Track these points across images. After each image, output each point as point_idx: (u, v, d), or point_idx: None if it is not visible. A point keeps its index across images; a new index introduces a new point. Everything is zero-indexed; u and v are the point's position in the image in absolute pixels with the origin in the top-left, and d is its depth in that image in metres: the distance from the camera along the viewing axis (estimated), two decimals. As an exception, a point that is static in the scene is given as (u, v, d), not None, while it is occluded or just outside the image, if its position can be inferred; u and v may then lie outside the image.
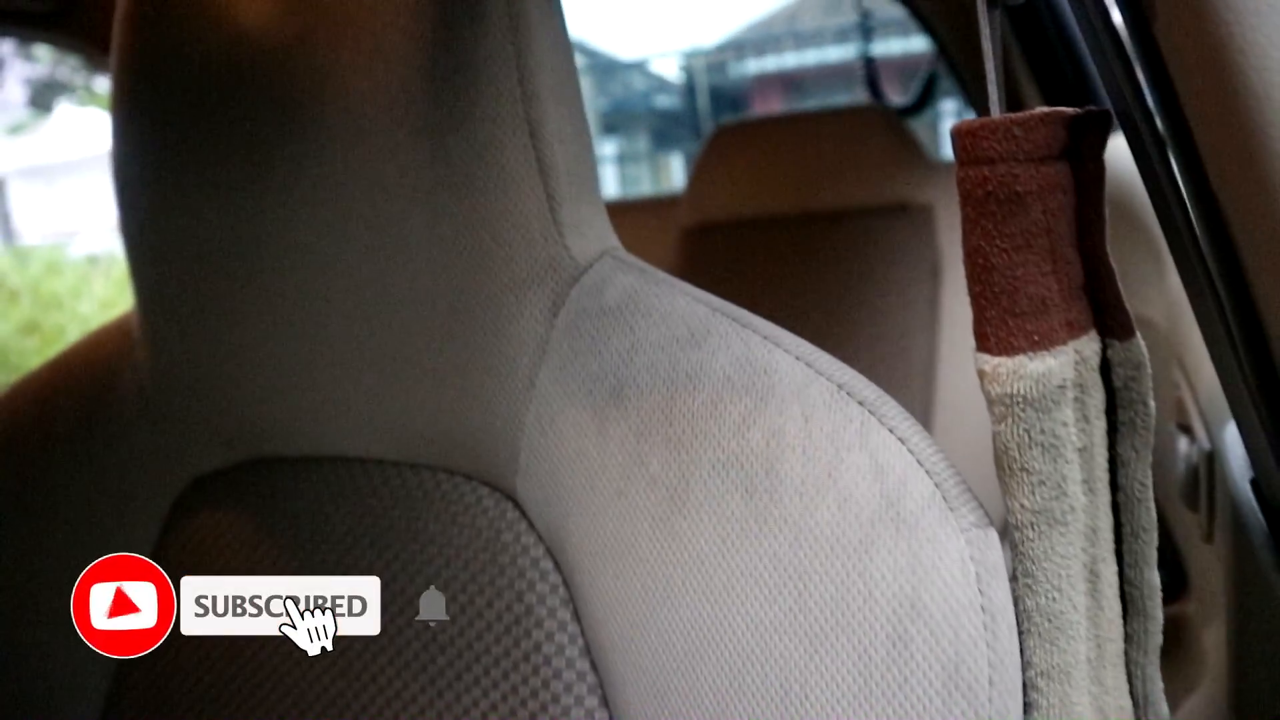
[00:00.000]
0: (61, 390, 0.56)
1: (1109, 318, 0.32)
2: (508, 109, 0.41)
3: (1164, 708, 0.35)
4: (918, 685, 0.31)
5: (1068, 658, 0.32)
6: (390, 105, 0.41)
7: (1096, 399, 0.32)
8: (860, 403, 0.35)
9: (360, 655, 0.45)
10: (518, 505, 0.43)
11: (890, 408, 0.35)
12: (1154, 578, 0.34)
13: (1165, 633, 0.36)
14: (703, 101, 8.21)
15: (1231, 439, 0.43)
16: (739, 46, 8.57)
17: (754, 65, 8.48)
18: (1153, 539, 0.34)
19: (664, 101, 9.00)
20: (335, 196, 0.43)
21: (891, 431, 0.34)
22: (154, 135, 0.47)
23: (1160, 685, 0.35)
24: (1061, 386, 0.31)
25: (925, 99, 1.66)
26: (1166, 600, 0.83)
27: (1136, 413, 0.33)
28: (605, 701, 0.40)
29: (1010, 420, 0.31)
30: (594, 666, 0.41)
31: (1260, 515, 0.37)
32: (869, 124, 1.49)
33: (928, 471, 0.33)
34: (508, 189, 0.41)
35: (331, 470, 0.49)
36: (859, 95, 1.81)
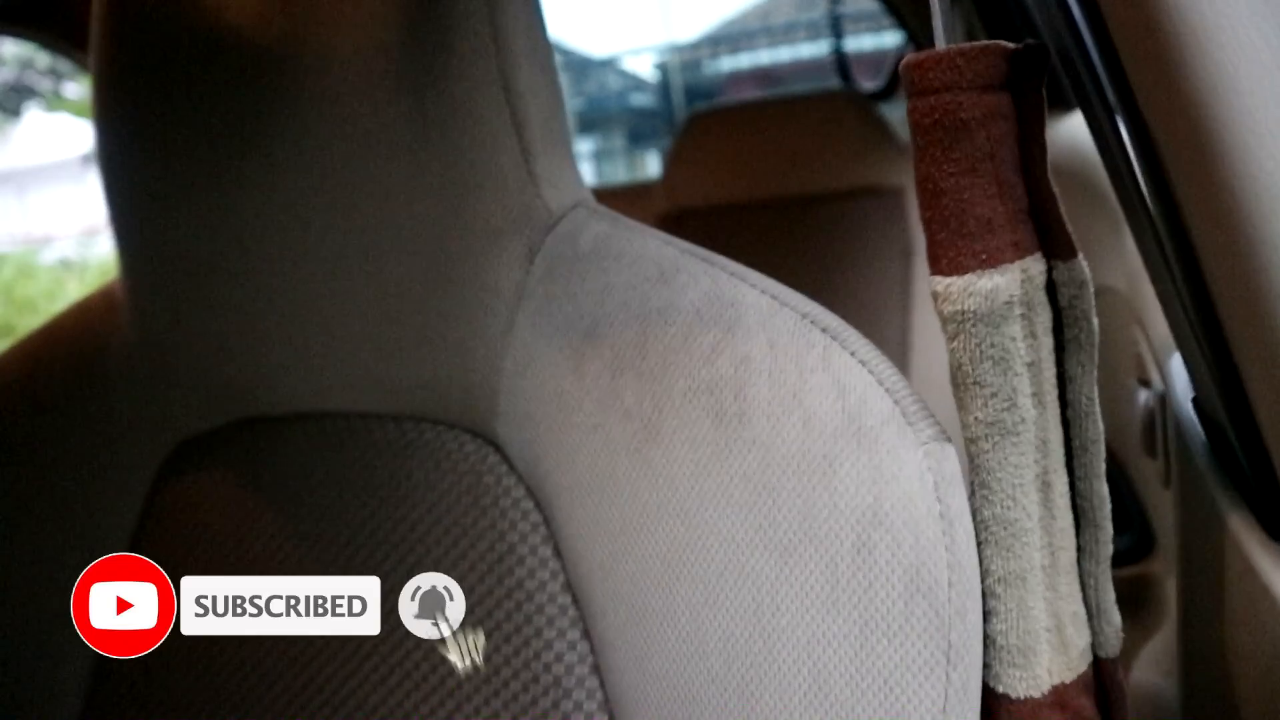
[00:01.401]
0: (48, 358, 0.57)
1: (1053, 240, 0.34)
2: (483, 66, 0.42)
3: (1116, 616, 0.37)
4: (881, 589, 0.33)
5: (1023, 563, 0.34)
6: (368, 65, 0.43)
7: (1043, 317, 0.34)
8: (823, 330, 0.37)
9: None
10: (498, 449, 0.45)
11: (851, 335, 0.37)
12: (1103, 489, 0.36)
13: (1131, 590, 0.38)
14: (678, 99, 8.23)
15: (1176, 368, 0.45)
16: (713, 43, 8.61)
17: (728, 62, 8.52)
18: (1100, 452, 0.36)
19: (639, 99, 9.02)
20: (317, 157, 0.44)
21: (853, 355, 0.36)
22: (136, 105, 0.48)
23: (1112, 595, 0.37)
24: (1009, 302, 0.33)
25: (895, 83, 1.68)
26: (1134, 560, 0.85)
27: (1081, 329, 0.35)
28: (586, 633, 0.42)
29: (963, 336, 0.33)
30: (575, 600, 0.42)
31: (1200, 427, 0.39)
32: (841, 109, 1.52)
33: (887, 390, 0.35)
34: (484, 143, 0.43)
35: (316, 426, 0.50)
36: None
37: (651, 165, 8.07)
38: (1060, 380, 0.35)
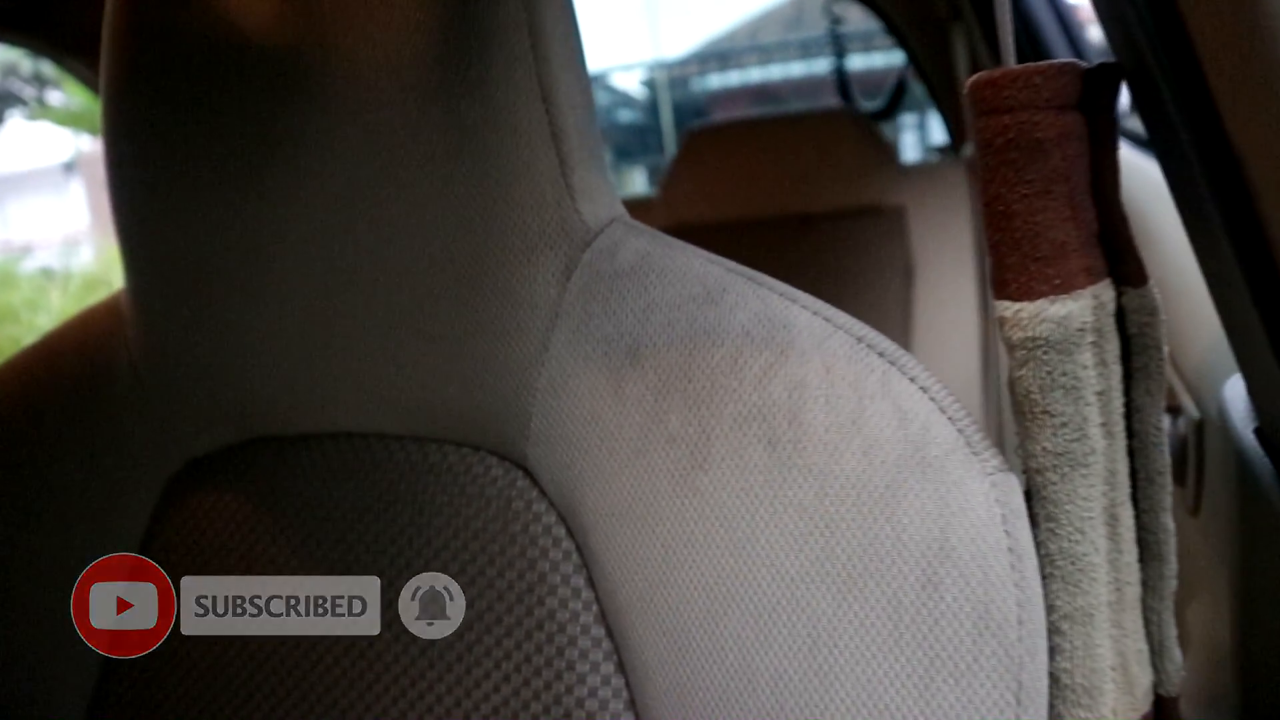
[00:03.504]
0: (49, 372, 0.54)
1: (1123, 265, 0.33)
2: (521, 72, 0.41)
3: (1178, 653, 0.36)
4: (949, 627, 0.31)
5: (1090, 600, 0.33)
6: (400, 72, 0.41)
7: (1113, 344, 0.33)
8: (880, 354, 0.35)
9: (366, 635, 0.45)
10: (528, 473, 0.43)
11: (908, 360, 0.35)
12: (1169, 522, 0.35)
13: None
14: (665, 116, 8.26)
15: (1232, 395, 0.44)
16: (702, 60, 8.65)
17: (716, 80, 8.55)
18: (1167, 484, 0.35)
19: (626, 116, 9.04)
20: (342, 167, 0.43)
21: (913, 380, 0.34)
22: (148, 112, 0.46)
23: (1174, 631, 0.36)
24: (1081, 330, 0.32)
25: (895, 104, 1.69)
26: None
27: (1150, 358, 0.34)
28: (621, 667, 0.40)
29: (1032, 364, 0.32)
30: (609, 632, 0.40)
31: (1267, 459, 0.38)
32: (841, 127, 1.52)
33: (950, 418, 0.33)
34: (520, 153, 0.41)
35: (333, 447, 0.48)
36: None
37: (638, 182, 8.08)
38: (1126, 410, 0.34)
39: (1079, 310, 0.31)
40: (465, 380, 0.44)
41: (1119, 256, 0.33)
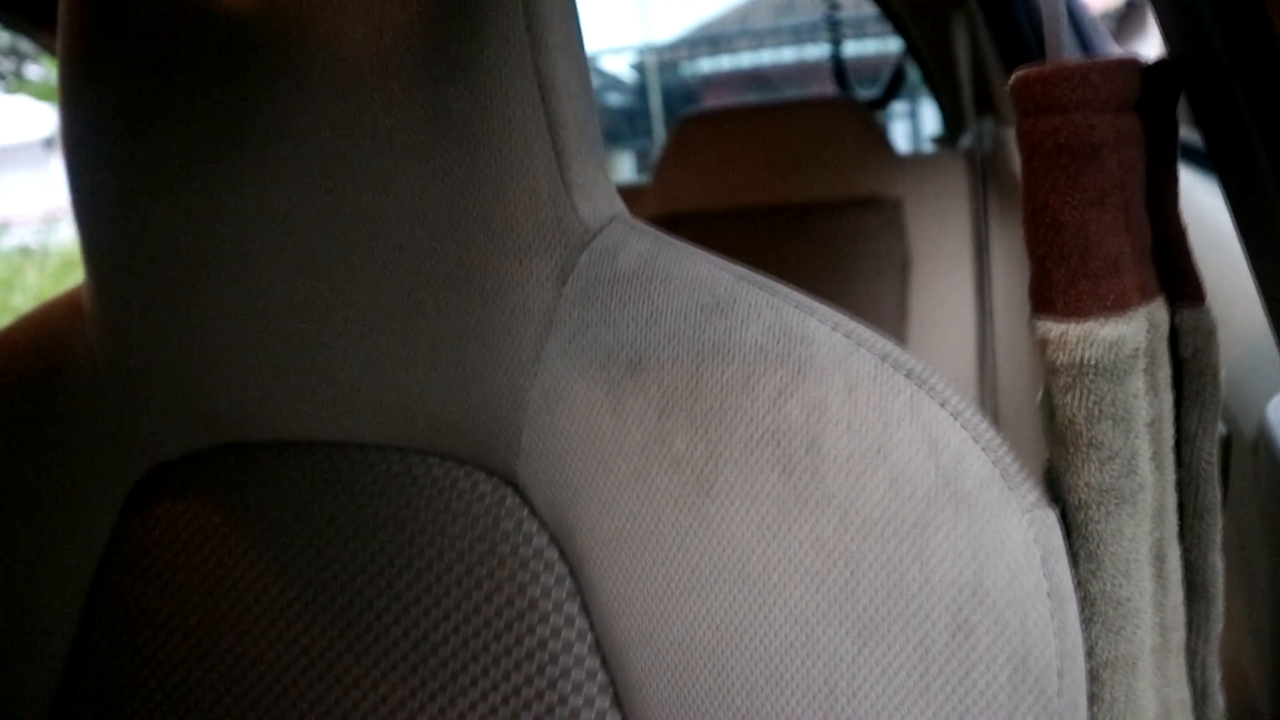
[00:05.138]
0: (5, 371, 0.51)
1: (1179, 283, 0.30)
2: (515, 58, 0.38)
3: (1220, 700, 0.33)
4: (981, 677, 0.28)
5: (1133, 647, 0.30)
6: (384, 54, 0.38)
7: (1165, 369, 0.30)
8: (907, 375, 0.32)
9: (343, 657, 0.41)
10: (518, 491, 0.40)
11: (938, 381, 0.32)
12: (1217, 561, 0.32)
13: None
14: (655, 100, 8.18)
15: (1274, 416, 0.42)
16: (692, 44, 8.57)
17: (707, 64, 8.48)
18: (1217, 520, 0.32)
19: (615, 99, 8.96)
20: (320, 155, 0.39)
21: (942, 406, 0.31)
22: (109, 89, 0.42)
23: (1218, 676, 0.33)
24: (1134, 354, 0.29)
25: (893, 93, 1.66)
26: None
27: (1205, 384, 0.31)
28: (618, 701, 0.37)
29: (1078, 390, 0.29)
30: (605, 664, 0.37)
31: None
32: (837, 115, 1.48)
33: (984, 448, 0.30)
34: (513, 145, 0.38)
35: (309, 456, 0.45)
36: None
37: (624, 167, 8.02)
38: (1177, 439, 0.31)
39: (1132, 333, 0.28)
40: (451, 389, 0.41)
41: (1175, 273, 0.30)
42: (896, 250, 1.42)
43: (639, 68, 8.63)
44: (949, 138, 1.61)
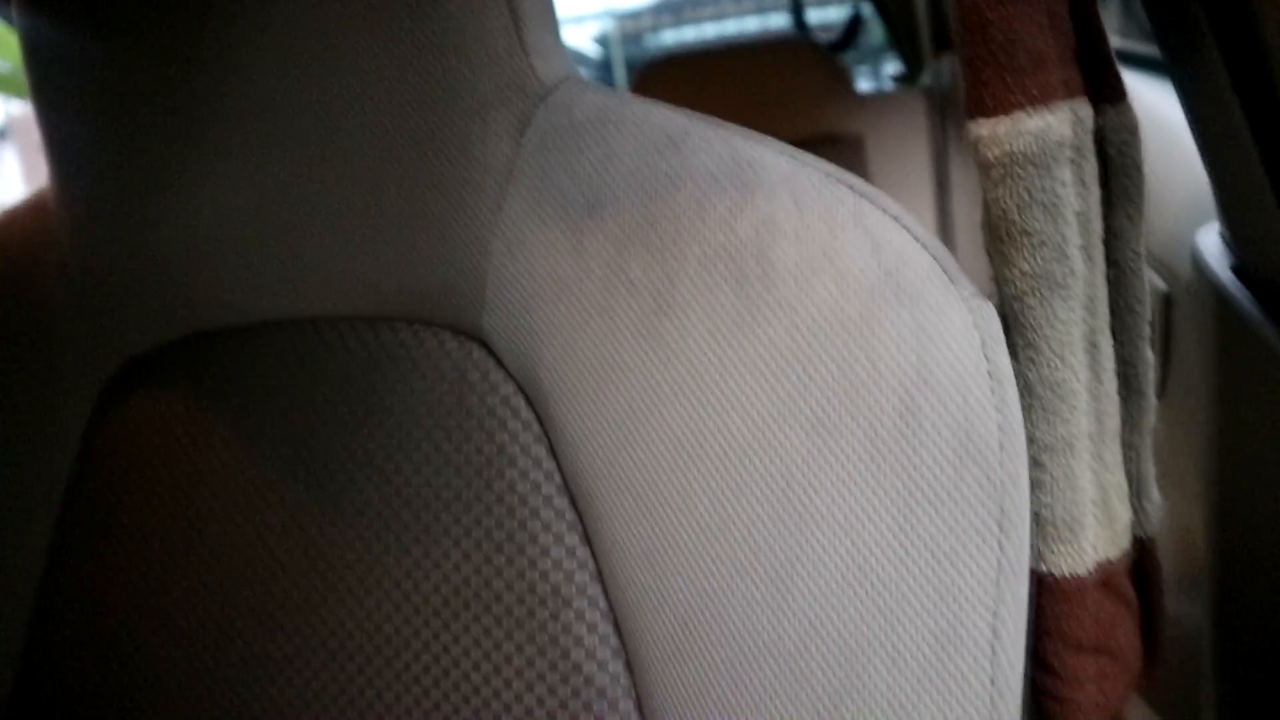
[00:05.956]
0: None
1: (1101, 82, 0.32)
2: None
3: (1155, 491, 0.35)
4: (928, 455, 0.30)
5: (1071, 430, 0.32)
6: None
7: (1091, 164, 0.32)
8: (850, 188, 0.34)
9: (322, 525, 0.43)
10: (484, 344, 0.41)
11: (879, 193, 0.34)
12: (1148, 354, 0.34)
13: None
14: (619, 74, 8.15)
15: (1208, 247, 0.43)
16: (656, 13, 8.52)
17: (671, 36, 8.44)
18: (1145, 313, 0.34)
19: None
20: (282, 29, 0.40)
21: (884, 211, 0.33)
22: None
23: (1153, 469, 0.35)
24: (1059, 144, 0.30)
25: (851, 36, 1.67)
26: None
27: (1130, 179, 0.32)
28: (586, 537, 0.38)
29: (1010, 182, 0.30)
30: (573, 502, 0.39)
31: (1248, 293, 0.37)
32: (797, 56, 1.49)
33: (924, 247, 0.32)
34: (470, 8, 0.39)
35: (282, 335, 0.46)
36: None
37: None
38: (1106, 236, 0.33)
39: (1057, 124, 0.30)
40: (418, 251, 0.41)
41: (1097, 73, 0.32)
42: None
43: (603, 41, 8.58)
44: (910, 77, 1.63)
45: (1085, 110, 0.31)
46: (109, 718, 0.46)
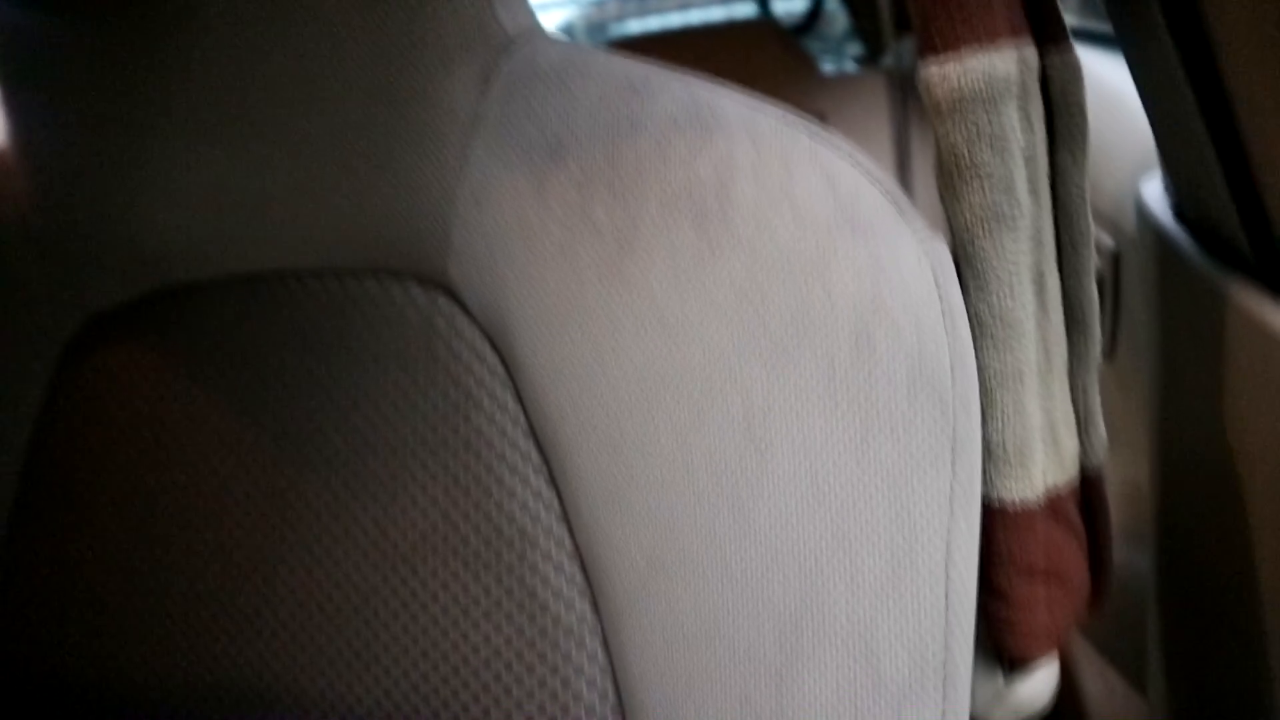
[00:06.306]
0: None
1: (1045, 26, 0.33)
2: None
3: (1102, 427, 0.37)
4: (883, 382, 0.31)
5: (1019, 360, 0.33)
6: None
7: (1037, 105, 0.33)
8: (805, 131, 0.35)
9: (290, 477, 0.43)
10: (450, 292, 0.42)
11: (835, 136, 0.35)
12: (1093, 290, 0.35)
13: None
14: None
15: (1152, 197, 0.45)
16: (621, 1, 8.50)
17: (636, 25, 8.43)
18: (1090, 251, 0.35)
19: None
20: None
21: (837, 151, 0.34)
22: None
23: (1099, 403, 0.36)
24: (1006, 82, 0.31)
25: (813, 18, 1.68)
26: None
27: (1074, 120, 0.34)
28: (552, 478, 0.39)
29: (958, 119, 0.31)
30: (539, 445, 0.39)
31: (1188, 234, 0.39)
32: (760, 37, 1.50)
33: (878, 183, 0.33)
34: None
35: (247, 290, 0.46)
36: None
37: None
38: (1051, 175, 0.34)
39: (1003, 63, 0.31)
40: (384, 202, 0.42)
41: (1040, 17, 0.33)
42: None
43: (568, 30, 8.55)
44: (871, 57, 1.65)
45: (1030, 51, 0.33)
46: (76, 674, 0.45)
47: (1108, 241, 0.58)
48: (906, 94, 1.46)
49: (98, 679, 0.45)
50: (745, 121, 0.35)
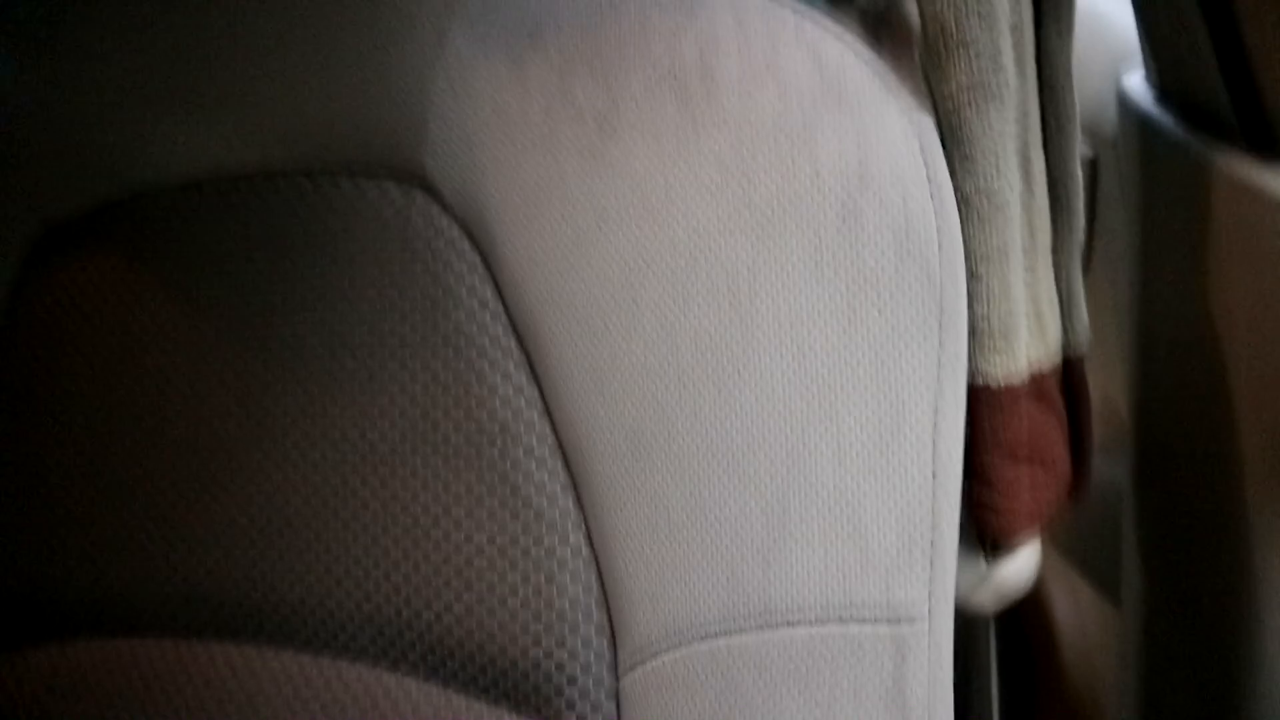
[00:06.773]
0: None
1: None
2: None
3: (1085, 313, 0.37)
4: (870, 254, 0.31)
5: (1005, 239, 0.33)
6: None
7: None
8: (791, 9, 0.34)
9: (266, 381, 0.42)
10: (427, 188, 0.41)
11: (821, 15, 0.34)
12: (1077, 172, 0.35)
13: None
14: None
15: (1131, 84, 0.45)
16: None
17: None
18: (1075, 132, 0.35)
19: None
20: None
21: (824, 28, 0.33)
22: None
23: (1082, 289, 0.36)
24: None
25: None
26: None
27: None
28: (533, 372, 0.39)
29: None
30: (519, 339, 0.39)
31: (1171, 116, 0.39)
32: None
33: (865, 59, 0.32)
34: None
35: (215, 194, 0.44)
36: None
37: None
38: (1037, 53, 0.34)
39: None
40: (357, 94, 0.41)
41: None
42: None
43: None
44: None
45: None
46: (46, 586, 0.45)
47: (1085, 149, 0.58)
48: (879, 34, 1.45)
49: (69, 590, 0.45)
50: (730, 1, 0.34)
